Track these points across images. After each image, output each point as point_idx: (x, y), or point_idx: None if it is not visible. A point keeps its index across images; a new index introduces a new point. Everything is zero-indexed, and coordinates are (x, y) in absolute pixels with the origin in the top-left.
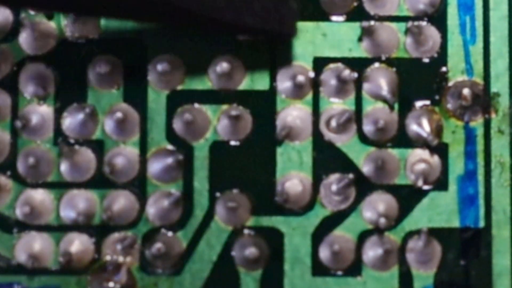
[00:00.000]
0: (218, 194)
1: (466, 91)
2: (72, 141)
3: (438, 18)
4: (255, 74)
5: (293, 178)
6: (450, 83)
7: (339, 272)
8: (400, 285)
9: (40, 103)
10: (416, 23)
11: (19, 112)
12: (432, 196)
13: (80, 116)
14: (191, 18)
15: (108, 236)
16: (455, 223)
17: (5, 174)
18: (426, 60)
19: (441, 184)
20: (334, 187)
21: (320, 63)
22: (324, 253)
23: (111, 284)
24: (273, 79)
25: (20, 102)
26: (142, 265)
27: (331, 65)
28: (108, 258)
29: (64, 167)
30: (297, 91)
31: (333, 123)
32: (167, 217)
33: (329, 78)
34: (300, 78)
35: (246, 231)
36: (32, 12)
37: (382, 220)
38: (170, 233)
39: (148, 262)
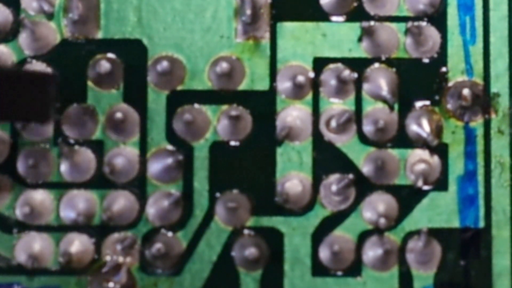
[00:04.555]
0: (218, 194)
1: (466, 92)
2: (72, 141)
3: (438, 18)
4: (255, 74)
5: (293, 179)
6: (450, 84)
7: (339, 273)
8: (400, 286)
9: None
10: (416, 23)
11: None
12: (432, 197)
13: (80, 116)
14: None
15: (108, 236)
16: (455, 223)
17: (5, 174)
18: (426, 60)
19: (441, 184)
20: (334, 188)
21: (320, 63)
22: (324, 254)
23: (111, 284)
24: (273, 79)
25: None
26: (142, 265)
27: (331, 65)
28: (108, 258)
29: (64, 167)
30: (297, 91)
31: (333, 123)
32: (167, 218)
33: (329, 78)
34: (300, 78)
35: (246, 232)
36: (32, 13)
37: (382, 220)
38: (170, 234)
39: (148, 262)
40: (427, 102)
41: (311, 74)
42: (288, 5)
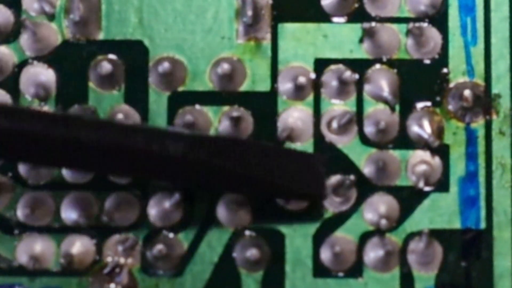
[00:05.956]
0: (219, 196)
1: (467, 93)
2: None
3: (439, 19)
4: (256, 75)
5: None
6: (451, 85)
7: (340, 274)
8: (401, 287)
9: (41, 104)
10: (417, 24)
11: None
12: (433, 198)
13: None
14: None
15: (109, 237)
16: (456, 225)
17: (6, 175)
18: (427, 61)
19: (442, 185)
20: (335, 189)
21: (321, 64)
22: (325, 255)
23: (112, 285)
24: (274, 80)
25: (21, 104)
26: (143, 266)
27: (332, 67)
28: (109, 259)
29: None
30: (298, 93)
31: (334, 124)
32: (168, 219)
33: (330, 79)
34: (301, 80)
35: (247, 233)
36: (33, 14)
37: (383, 222)
38: (171, 235)
39: (149, 263)
40: (428, 103)
41: (312, 75)
42: (289, 6)
